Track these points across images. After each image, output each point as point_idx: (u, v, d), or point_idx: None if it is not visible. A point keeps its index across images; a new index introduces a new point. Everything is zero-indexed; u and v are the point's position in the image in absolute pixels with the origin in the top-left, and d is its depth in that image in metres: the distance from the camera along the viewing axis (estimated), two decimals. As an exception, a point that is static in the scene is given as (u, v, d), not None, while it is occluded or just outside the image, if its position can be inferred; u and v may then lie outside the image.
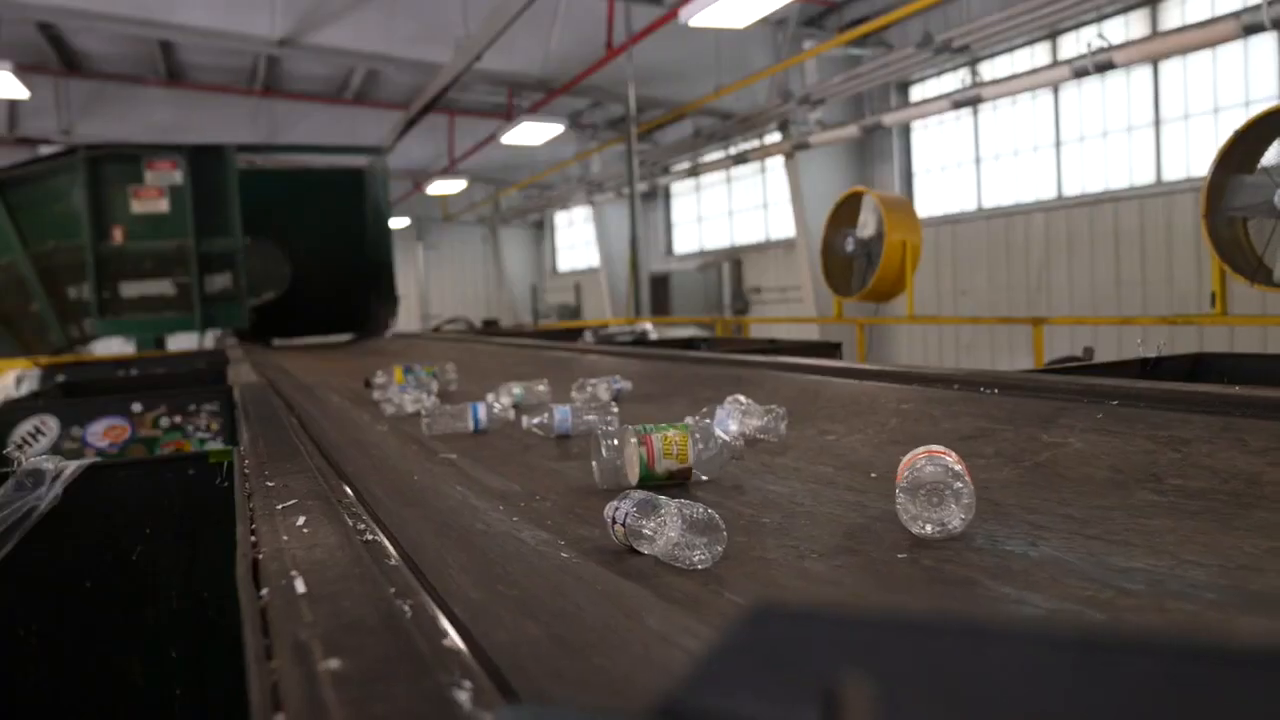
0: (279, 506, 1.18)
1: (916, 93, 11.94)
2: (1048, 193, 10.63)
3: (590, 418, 2.08)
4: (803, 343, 4.35)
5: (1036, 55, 10.37)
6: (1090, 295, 9.94)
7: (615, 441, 1.52)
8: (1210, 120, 8.94)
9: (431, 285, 22.85)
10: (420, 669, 0.60)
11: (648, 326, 6.34)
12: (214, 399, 3.30)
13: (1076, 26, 9.77)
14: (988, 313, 10.50)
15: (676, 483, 1.52)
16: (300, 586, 0.81)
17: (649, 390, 2.82)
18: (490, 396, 2.47)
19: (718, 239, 16.45)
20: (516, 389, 2.62)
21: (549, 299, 21.04)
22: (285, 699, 0.57)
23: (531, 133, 12.79)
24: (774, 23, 11.63)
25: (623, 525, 1.14)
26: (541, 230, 23.23)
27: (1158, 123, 9.49)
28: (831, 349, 3.80)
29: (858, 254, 6.47)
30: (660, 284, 15.50)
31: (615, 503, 1.18)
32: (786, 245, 14.13)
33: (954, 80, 10.92)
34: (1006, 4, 8.97)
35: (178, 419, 3.28)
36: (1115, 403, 1.60)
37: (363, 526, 1.11)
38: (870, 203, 6.40)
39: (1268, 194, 3.91)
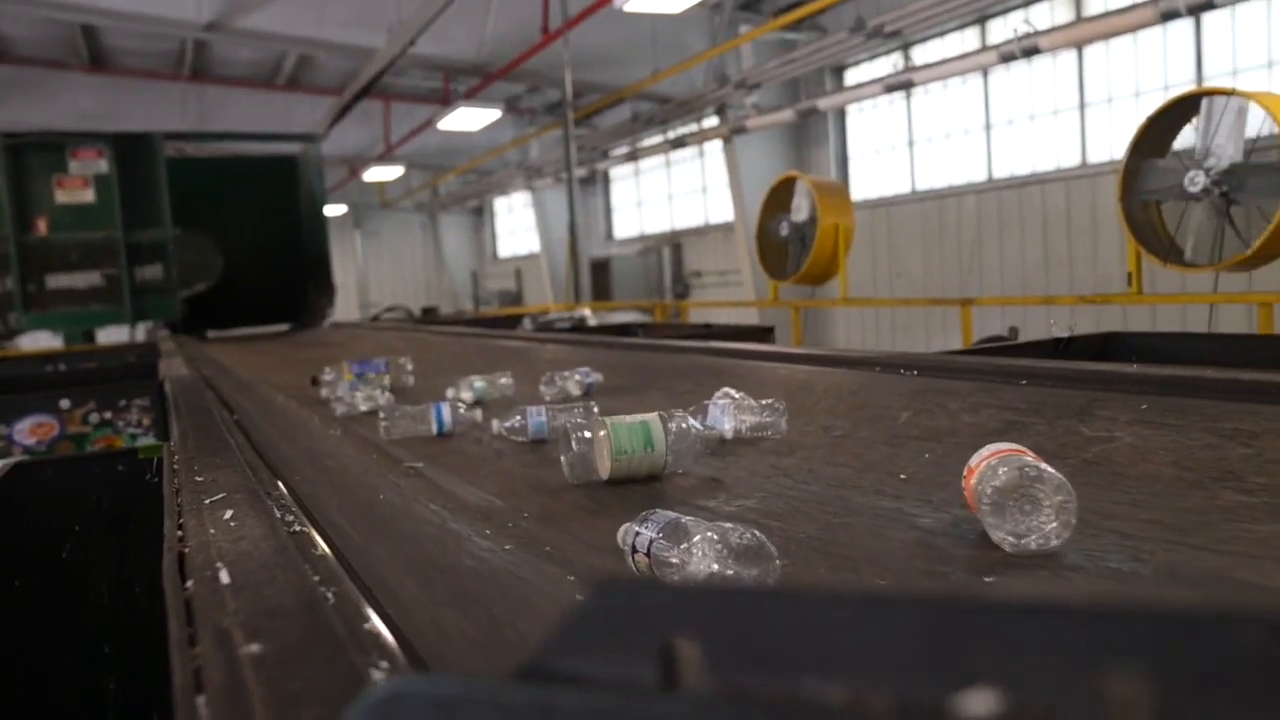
0: (207, 501, 1.20)
1: (851, 77, 12.09)
2: (979, 175, 10.86)
3: (570, 419, 1.78)
4: (735, 327, 4.42)
5: (966, 40, 10.57)
6: (1020, 275, 10.19)
7: (586, 433, 1.46)
8: (1132, 104, 9.20)
9: (370, 273, 22.59)
10: (337, 650, 0.64)
11: (586, 312, 6.37)
12: (145, 394, 3.26)
13: (1004, 12, 9.97)
14: (922, 293, 10.71)
15: (650, 475, 1.45)
16: (225, 578, 0.83)
17: (621, 382, 2.61)
18: (450, 392, 2.34)
19: (658, 223, 16.51)
20: (478, 383, 2.43)
21: (490, 285, 20.94)
22: (207, 682, 0.61)
23: (468, 118, 12.71)
24: (710, 6, 11.68)
25: (645, 555, 0.99)
26: (481, 216, 23.08)
27: (1082, 106, 9.75)
28: (764, 333, 3.87)
29: (792, 238, 6.58)
30: (601, 269, 15.52)
31: (633, 527, 1.03)
32: (726, 229, 14.23)
33: (887, 65, 11.08)
34: (936, -11, 9.13)
35: (108, 415, 3.24)
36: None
37: (290, 518, 1.12)
38: (803, 187, 6.50)
39: (1178, 177, 4.07)
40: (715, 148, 13.58)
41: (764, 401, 1.75)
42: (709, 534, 0.94)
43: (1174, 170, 4.10)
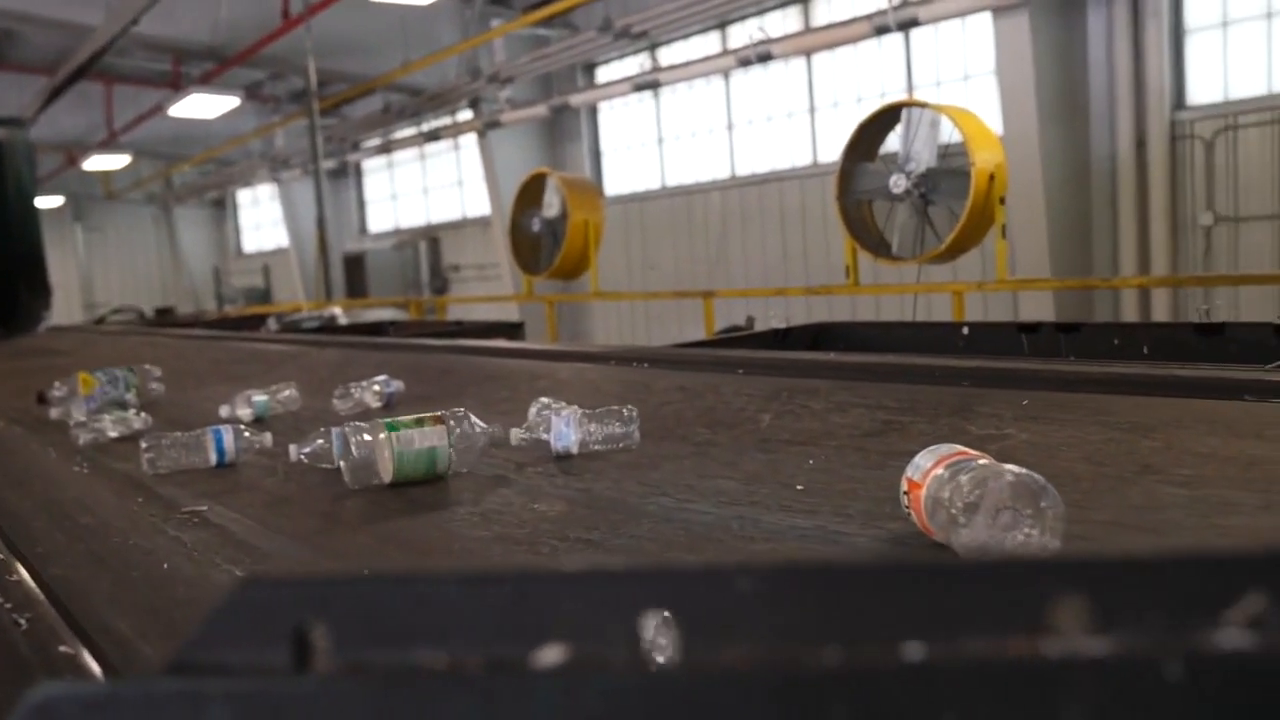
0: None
1: (602, 74, 12.37)
2: (723, 172, 11.43)
3: (351, 425, 1.48)
4: (486, 324, 4.47)
5: (709, 43, 11.08)
6: (763, 267, 10.83)
7: (366, 436, 1.39)
8: (856, 109, 10.00)
9: (95, 271, 20.67)
10: None
11: (336, 311, 6.18)
12: None
13: (744, 18, 10.54)
14: (674, 284, 11.15)
15: (435, 476, 1.41)
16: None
17: (426, 390, 2.32)
18: (224, 410, 1.99)
19: (414, 216, 16.19)
20: (258, 398, 2.06)
21: (235, 282, 19.72)
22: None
23: (203, 105, 11.93)
24: (461, -1, 11.59)
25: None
26: (223, 209, 21.67)
27: (812, 110, 10.48)
28: (514, 329, 3.94)
29: (544, 233, 6.69)
30: (355, 264, 15.04)
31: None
32: (483, 222, 14.18)
33: (636, 64, 11.43)
34: (681, -7, 9.53)
35: None
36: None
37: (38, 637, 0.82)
38: (554, 184, 6.63)
39: (884, 180, 4.52)
40: (471, 141, 13.48)
41: (607, 409, 1.53)
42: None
43: (881, 173, 4.54)
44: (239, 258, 21.22)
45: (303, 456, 1.54)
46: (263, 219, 20.37)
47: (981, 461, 0.93)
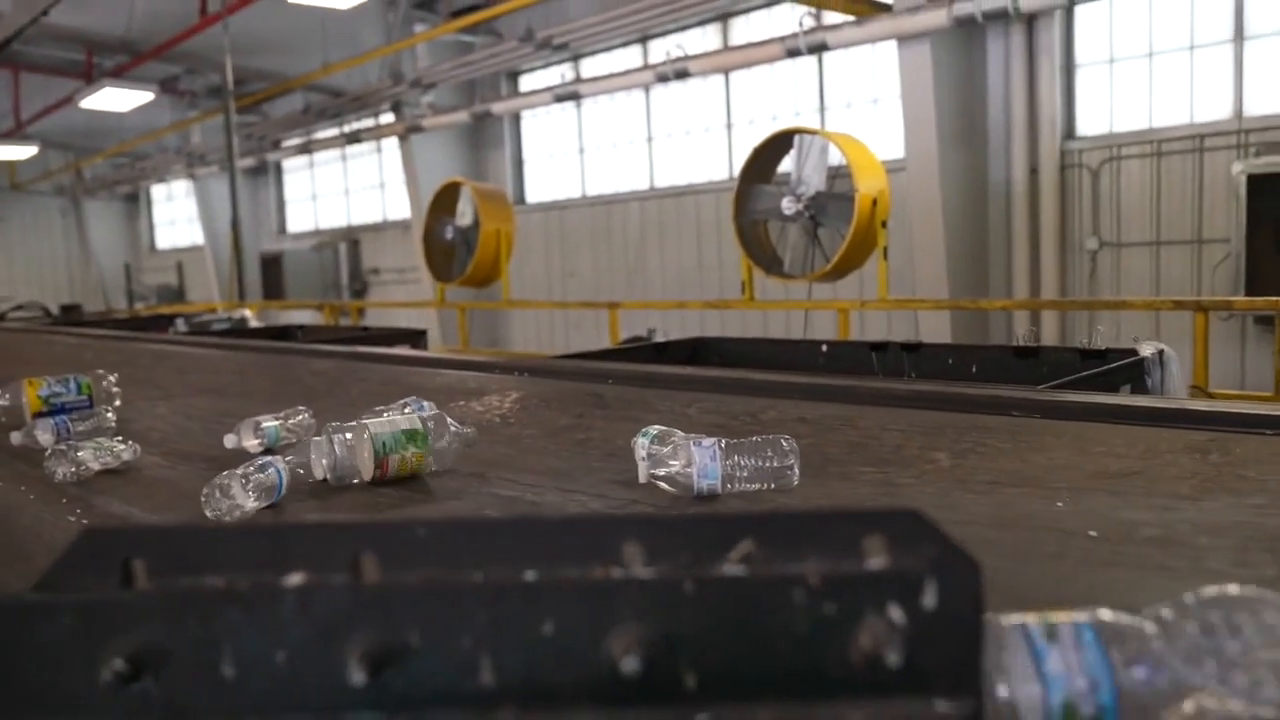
0: None
1: (526, 83, 12.51)
2: (642, 184, 11.67)
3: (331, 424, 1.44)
4: (390, 330, 4.59)
5: (631, 56, 11.32)
6: (679, 277, 11.09)
7: (348, 435, 1.42)
8: (771, 126, 10.31)
9: (-4, 264, 20.02)
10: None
11: (247, 313, 6.20)
12: None
13: (664, 34, 10.79)
14: (593, 293, 11.34)
15: (413, 475, 1.43)
16: None
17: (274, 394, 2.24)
18: (229, 440, 1.66)
19: (334, 218, 16.08)
20: (268, 424, 1.72)
21: (147, 280, 19.29)
22: None
23: (116, 98, 11.72)
24: (385, 2, 11.62)
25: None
26: (137, 204, 21.17)
27: (729, 126, 10.78)
28: (417, 336, 4.08)
29: (457, 241, 6.81)
30: (273, 264, 14.90)
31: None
32: (404, 226, 14.18)
33: (558, 74, 11.61)
34: (604, 7, 9.74)
35: None
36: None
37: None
38: (467, 193, 6.76)
39: (777, 201, 4.77)
40: (393, 143, 13.49)
41: (760, 439, 1.28)
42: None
43: (774, 195, 4.80)
44: (152, 254, 20.76)
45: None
46: (178, 215, 19.98)
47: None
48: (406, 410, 1.76)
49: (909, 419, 1.60)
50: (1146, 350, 2.41)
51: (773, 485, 1.25)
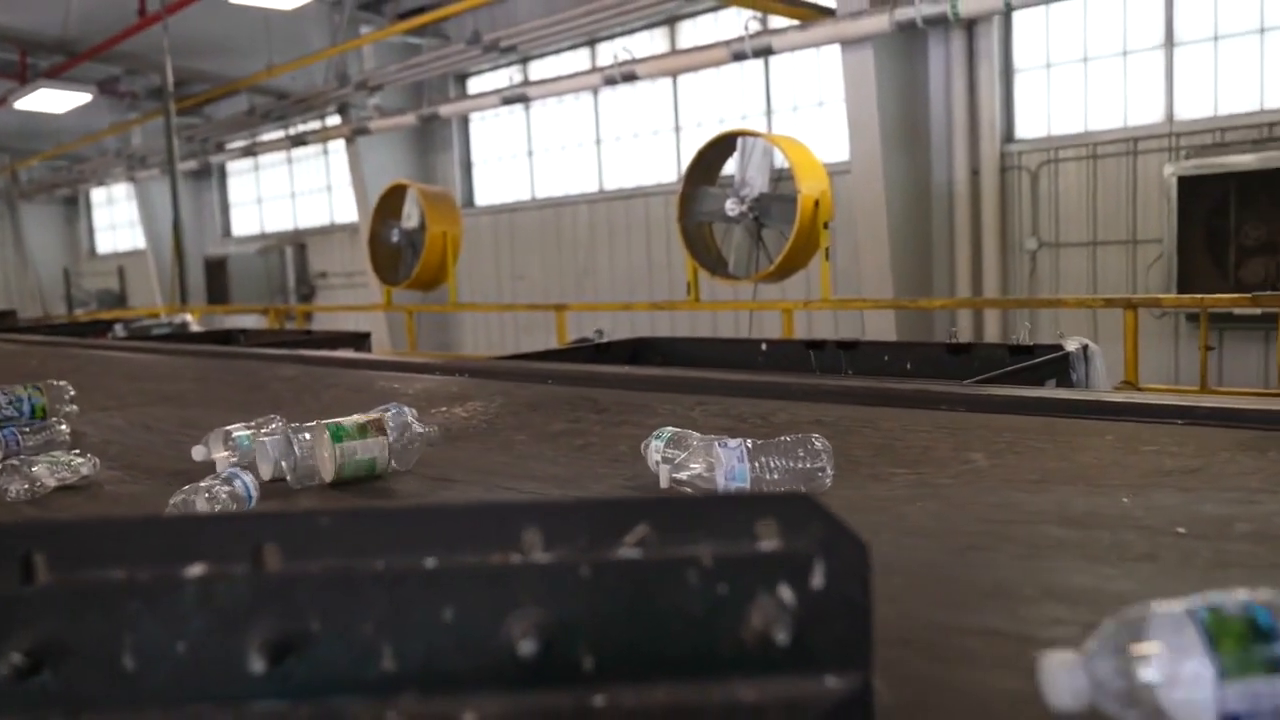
0: None
1: (474, 85, 12.45)
2: (591, 186, 11.67)
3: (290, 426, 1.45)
4: (334, 333, 4.54)
5: (580, 59, 11.32)
6: (629, 278, 11.10)
7: (308, 436, 1.39)
8: (718, 129, 10.38)
9: (-71, 269, 19.45)
10: None
11: (188, 317, 6.10)
12: None
13: (611, 37, 10.81)
14: (542, 294, 11.31)
15: (374, 475, 1.41)
16: None
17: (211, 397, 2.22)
18: (198, 451, 1.56)
19: (280, 221, 15.86)
20: (240, 433, 1.58)
21: (87, 285, 18.86)
22: None
23: (52, 99, 11.46)
24: (330, 3, 11.49)
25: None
26: (75, 207, 20.69)
27: (678, 129, 10.83)
28: (360, 339, 4.04)
29: (403, 244, 6.76)
30: (217, 268, 14.66)
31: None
32: (351, 229, 14.03)
33: (506, 77, 11.57)
34: (551, 10, 9.74)
35: None
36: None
37: None
38: (413, 196, 6.71)
39: (722, 203, 4.81)
40: (340, 146, 13.34)
41: (790, 438, 1.22)
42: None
43: (719, 196, 4.84)
44: (92, 259, 20.31)
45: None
46: (118, 219, 19.56)
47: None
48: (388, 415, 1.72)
49: (909, 419, 1.62)
50: (1071, 346, 2.48)
51: (804, 488, 1.14)
